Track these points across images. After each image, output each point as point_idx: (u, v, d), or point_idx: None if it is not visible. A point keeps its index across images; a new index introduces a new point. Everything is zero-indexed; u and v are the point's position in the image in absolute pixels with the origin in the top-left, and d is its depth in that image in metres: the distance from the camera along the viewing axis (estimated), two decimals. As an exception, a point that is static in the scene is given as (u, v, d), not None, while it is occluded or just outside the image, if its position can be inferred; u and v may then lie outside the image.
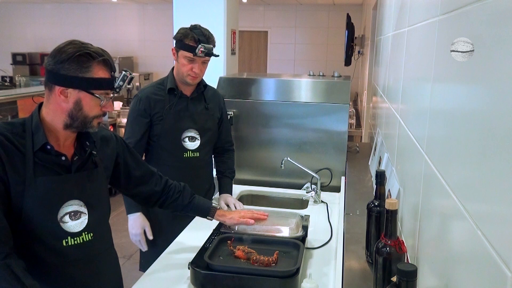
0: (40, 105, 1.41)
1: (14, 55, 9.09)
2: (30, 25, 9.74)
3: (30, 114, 1.41)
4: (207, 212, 1.88)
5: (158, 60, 9.14)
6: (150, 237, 2.23)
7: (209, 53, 2.14)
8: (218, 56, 2.23)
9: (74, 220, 1.40)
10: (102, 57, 1.36)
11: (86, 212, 1.43)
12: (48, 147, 1.35)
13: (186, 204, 1.85)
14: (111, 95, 1.43)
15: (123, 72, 1.43)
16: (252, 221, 1.89)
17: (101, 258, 1.51)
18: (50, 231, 1.36)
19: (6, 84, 7.51)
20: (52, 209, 1.36)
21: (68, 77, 1.33)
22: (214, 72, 3.32)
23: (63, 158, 1.39)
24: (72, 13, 9.64)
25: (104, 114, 1.44)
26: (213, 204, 1.90)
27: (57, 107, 1.37)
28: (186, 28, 2.19)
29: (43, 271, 1.37)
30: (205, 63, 2.21)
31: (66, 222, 1.38)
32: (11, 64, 9.09)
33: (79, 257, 1.42)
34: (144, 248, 2.23)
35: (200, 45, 2.11)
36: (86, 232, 1.43)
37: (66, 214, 1.38)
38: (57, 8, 9.70)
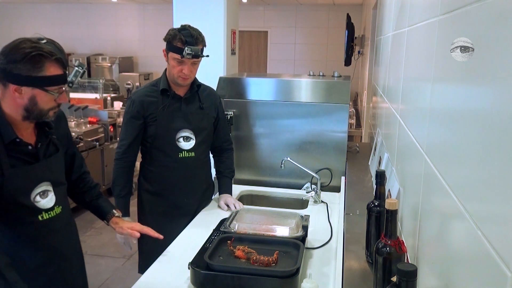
0: None
1: (14, 55, 9.07)
2: (30, 25, 9.74)
3: None
4: (105, 216, 1.88)
5: (158, 60, 9.11)
6: (134, 241, 2.24)
7: (196, 55, 2.14)
8: (207, 56, 2.23)
9: (44, 198, 1.58)
10: (54, 57, 1.45)
11: (52, 190, 1.61)
12: (17, 140, 1.50)
13: (88, 201, 1.89)
14: (64, 88, 1.53)
15: (76, 68, 1.55)
16: (137, 234, 1.84)
17: (67, 225, 1.72)
18: (27, 210, 1.54)
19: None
20: (27, 192, 1.53)
21: (22, 77, 1.43)
22: (214, 72, 3.32)
23: (30, 147, 1.54)
24: (72, 13, 9.64)
25: (58, 105, 1.55)
26: (113, 211, 1.88)
27: (13, 102, 1.48)
28: (175, 29, 2.19)
29: (25, 244, 1.57)
30: (195, 63, 2.21)
31: (38, 201, 1.56)
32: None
33: (53, 228, 1.62)
34: (129, 249, 2.25)
35: (186, 47, 2.11)
36: (57, 206, 1.62)
37: (37, 194, 1.56)
38: (57, 8, 9.70)
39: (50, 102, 1.50)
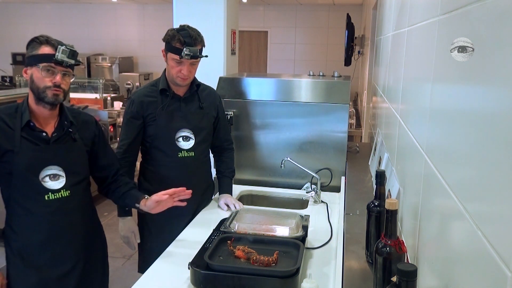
0: None
1: (14, 55, 9.08)
2: (30, 25, 9.73)
3: (24, 99, 1.78)
4: (136, 202, 1.98)
5: (158, 60, 9.06)
6: (138, 241, 2.31)
7: (195, 56, 2.14)
8: (206, 56, 2.23)
9: (54, 180, 1.77)
10: (45, 39, 1.71)
11: (64, 175, 1.79)
12: (31, 124, 1.73)
13: (123, 193, 2.01)
14: (59, 69, 1.71)
15: (62, 47, 1.70)
16: (165, 196, 1.90)
17: (77, 211, 1.86)
18: (34, 188, 1.73)
19: (6, 84, 7.51)
20: (35, 172, 1.72)
21: (26, 59, 1.74)
22: (214, 72, 3.32)
23: (44, 134, 1.76)
24: (72, 13, 9.64)
25: (55, 86, 1.70)
26: (144, 196, 1.98)
27: (28, 87, 1.75)
28: (174, 29, 2.19)
29: (31, 219, 1.76)
30: (194, 64, 2.21)
31: (47, 182, 1.75)
32: (11, 64, 9.08)
33: (59, 208, 1.78)
34: (132, 248, 2.28)
35: (185, 48, 2.11)
36: (64, 190, 1.79)
37: (46, 176, 1.75)
38: (57, 8, 9.70)
39: (43, 80, 1.69)
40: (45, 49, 1.70)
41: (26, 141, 1.72)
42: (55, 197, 1.77)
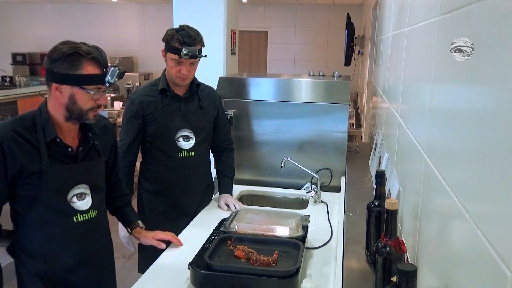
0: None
1: (14, 55, 9.08)
2: (30, 25, 9.74)
3: (38, 108, 1.59)
4: (129, 225, 1.98)
5: (158, 60, 9.06)
6: (137, 241, 2.28)
7: (194, 56, 2.14)
8: (206, 56, 2.23)
9: (81, 200, 1.63)
10: (90, 55, 1.51)
11: (89, 193, 1.65)
12: (58, 140, 1.56)
13: (116, 207, 1.97)
14: (104, 89, 1.57)
15: (112, 68, 1.55)
16: (163, 245, 1.91)
17: (101, 230, 1.77)
18: (63, 210, 1.59)
19: (6, 84, 7.51)
20: (64, 192, 1.58)
21: (61, 75, 1.50)
22: (214, 72, 3.32)
23: (69, 149, 1.60)
24: (72, 13, 9.64)
25: (98, 106, 1.59)
26: (138, 221, 1.97)
27: (56, 102, 1.56)
28: (174, 29, 2.19)
29: (59, 245, 1.62)
30: (193, 64, 2.21)
31: (75, 202, 1.61)
32: (11, 64, 9.08)
33: (87, 231, 1.66)
34: (132, 248, 2.29)
35: (184, 48, 2.11)
36: (92, 210, 1.67)
37: (74, 195, 1.61)
38: (57, 8, 9.69)
39: (89, 102, 1.55)
40: (90, 68, 1.51)
41: (53, 160, 1.55)
42: (84, 218, 1.64)
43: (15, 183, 1.52)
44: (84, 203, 1.63)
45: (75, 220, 1.61)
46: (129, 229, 1.98)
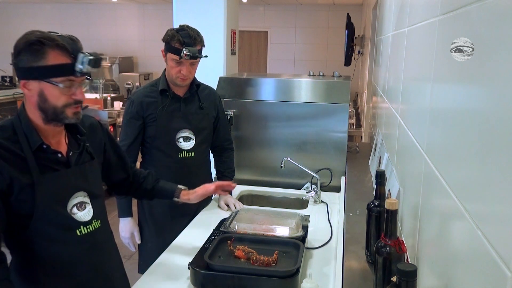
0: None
1: (14, 55, 9.07)
2: (30, 25, 9.65)
3: (16, 114, 1.39)
4: (173, 194, 1.86)
5: (158, 60, 9.06)
6: (138, 241, 2.34)
7: (194, 56, 2.14)
8: (206, 57, 2.23)
9: (81, 210, 1.44)
10: (55, 42, 1.28)
11: (89, 202, 1.47)
12: (44, 146, 1.36)
13: (150, 189, 1.86)
14: (79, 81, 1.34)
15: (82, 54, 1.30)
16: (211, 187, 1.88)
17: (108, 242, 1.59)
18: (64, 223, 1.40)
19: (6, 84, 7.50)
20: (63, 203, 1.39)
21: (25, 69, 1.30)
22: (214, 72, 3.32)
23: (59, 155, 1.41)
24: (72, 13, 9.64)
25: (76, 102, 1.36)
26: (178, 186, 1.89)
27: (28, 103, 1.36)
28: (174, 29, 2.19)
29: (65, 263, 1.42)
30: (193, 64, 2.21)
31: (76, 213, 1.42)
32: (11, 64, 9.06)
33: (93, 244, 1.48)
34: (133, 249, 2.31)
35: (184, 48, 2.11)
36: (95, 220, 1.48)
37: (74, 205, 1.42)
38: (57, 8, 9.70)
39: (61, 97, 1.32)
40: (57, 57, 1.29)
41: (43, 168, 1.35)
42: (88, 230, 1.45)
43: (8, 202, 1.31)
44: (85, 213, 1.45)
45: (78, 233, 1.42)
46: (176, 199, 1.86)
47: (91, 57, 1.31)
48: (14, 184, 1.29)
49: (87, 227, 1.45)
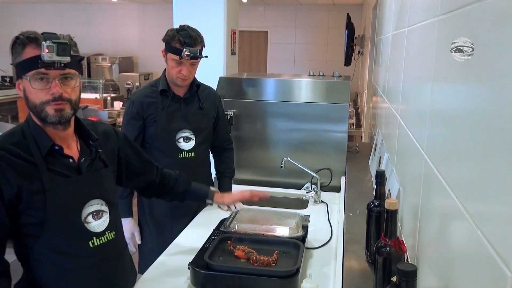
0: None
1: (14, 55, 9.07)
2: (30, 25, 9.70)
3: (25, 119, 1.35)
4: (206, 196, 1.89)
5: (158, 60, 9.06)
6: (139, 241, 2.34)
7: (195, 56, 2.14)
8: (206, 57, 2.23)
9: (97, 219, 1.37)
10: (27, 36, 1.24)
11: (108, 211, 1.41)
12: (56, 147, 1.31)
13: (182, 191, 1.87)
14: (56, 74, 1.26)
15: (45, 42, 1.22)
16: (247, 194, 1.92)
17: (121, 255, 1.52)
18: (76, 233, 1.33)
19: (6, 84, 7.51)
20: (76, 211, 1.33)
21: (13, 69, 1.29)
22: (214, 72, 3.32)
23: (71, 160, 1.35)
24: (72, 13, 9.64)
25: (54, 99, 1.26)
26: (210, 189, 1.91)
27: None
28: (174, 29, 2.19)
29: (76, 276, 1.36)
30: (194, 64, 2.21)
31: (90, 223, 1.36)
32: (11, 64, 9.07)
33: (105, 257, 1.41)
34: (133, 249, 2.31)
35: (185, 49, 2.10)
36: (109, 231, 1.41)
37: (89, 214, 1.36)
38: (57, 8, 9.70)
39: (39, 94, 1.26)
40: (31, 51, 1.24)
41: (54, 174, 1.29)
42: (100, 242, 1.38)
43: (16, 212, 1.26)
44: (100, 223, 1.38)
45: (91, 245, 1.35)
46: (210, 201, 1.89)
47: (55, 43, 1.21)
48: (22, 192, 1.24)
49: (100, 238, 1.38)
